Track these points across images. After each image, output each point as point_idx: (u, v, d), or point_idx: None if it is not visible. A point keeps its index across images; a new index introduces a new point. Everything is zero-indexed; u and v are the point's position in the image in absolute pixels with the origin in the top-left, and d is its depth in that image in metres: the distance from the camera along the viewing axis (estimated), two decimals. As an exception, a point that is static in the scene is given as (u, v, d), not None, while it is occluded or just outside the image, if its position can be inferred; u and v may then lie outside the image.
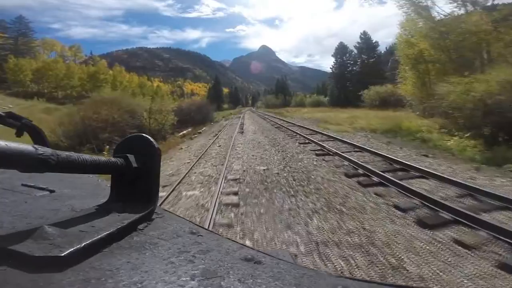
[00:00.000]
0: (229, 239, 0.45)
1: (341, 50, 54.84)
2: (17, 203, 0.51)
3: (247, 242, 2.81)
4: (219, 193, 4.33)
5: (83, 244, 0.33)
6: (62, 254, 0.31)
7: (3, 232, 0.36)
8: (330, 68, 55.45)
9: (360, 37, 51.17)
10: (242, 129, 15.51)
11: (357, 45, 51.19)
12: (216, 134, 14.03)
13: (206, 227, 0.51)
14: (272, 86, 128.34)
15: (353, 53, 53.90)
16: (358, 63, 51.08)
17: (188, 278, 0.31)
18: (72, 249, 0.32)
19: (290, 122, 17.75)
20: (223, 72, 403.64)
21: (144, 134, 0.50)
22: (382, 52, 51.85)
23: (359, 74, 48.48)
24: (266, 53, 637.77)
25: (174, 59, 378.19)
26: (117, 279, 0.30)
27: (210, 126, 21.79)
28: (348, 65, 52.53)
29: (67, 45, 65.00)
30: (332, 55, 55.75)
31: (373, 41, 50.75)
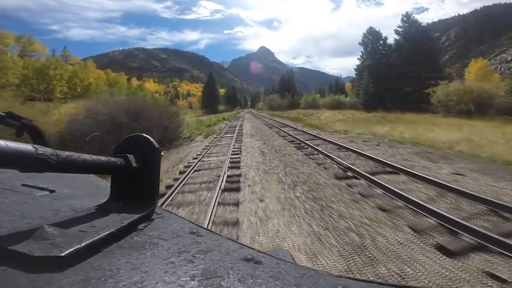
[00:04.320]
0: (229, 239, 0.44)
1: (372, 36, 41.56)
2: (17, 203, 0.50)
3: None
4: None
5: (83, 244, 0.33)
6: (62, 254, 0.31)
7: (3, 232, 0.36)
8: (358, 58, 42.23)
9: (403, 19, 37.85)
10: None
11: (398, 29, 37.82)
12: None
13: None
14: (272, 87, 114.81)
15: (387, 40, 40.72)
16: (397, 51, 37.74)
17: (188, 278, 0.31)
18: (72, 249, 0.32)
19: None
20: (221, 73, 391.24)
21: (143, 134, 0.50)
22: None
23: (402, 66, 35.11)
24: (264, 54, 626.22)
25: (171, 60, 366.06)
26: (117, 279, 0.29)
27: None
28: (384, 54, 39.13)
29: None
30: (359, 43, 42.61)
31: (421, 23, 37.51)
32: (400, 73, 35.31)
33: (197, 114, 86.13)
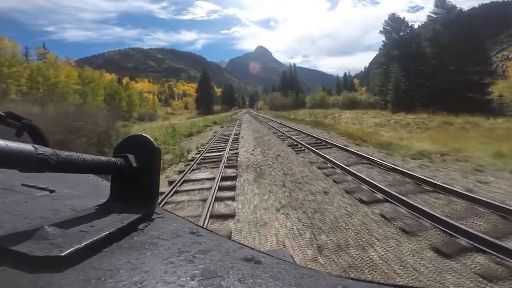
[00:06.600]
0: (229, 239, 0.44)
1: (395, 23, 34.85)
2: (17, 203, 0.51)
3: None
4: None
5: (83, 244, 0.33)
6: (62, 254, 0.31)
7: (3, 232, 0.36)
8: (380, 48, 35.57)
9: (437, 4, 31.20)
10: None
11: (432, 15, 31.09)
12: None
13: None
14: (271, 86, 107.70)
15: (414, 27, 34.04)
16: (431, 40, 31.00)
17: (188, 278, 0.31)
18: (72, 249, 0.32)
19: None
20: (219, 73, 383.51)
21: (143, 134, 0.50)
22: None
23: (440, 57, 28.38)
24: (262, 54, 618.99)
25: (168, 60, 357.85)
26: (117, 279, 0.29)
27: None
28: (411, 45, 32.33)
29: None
30: (380, 32, 35.95)
31: (458, 8, 30.77)
32: (436, 66, 28.62)
33: (191, 115, 78.94)
